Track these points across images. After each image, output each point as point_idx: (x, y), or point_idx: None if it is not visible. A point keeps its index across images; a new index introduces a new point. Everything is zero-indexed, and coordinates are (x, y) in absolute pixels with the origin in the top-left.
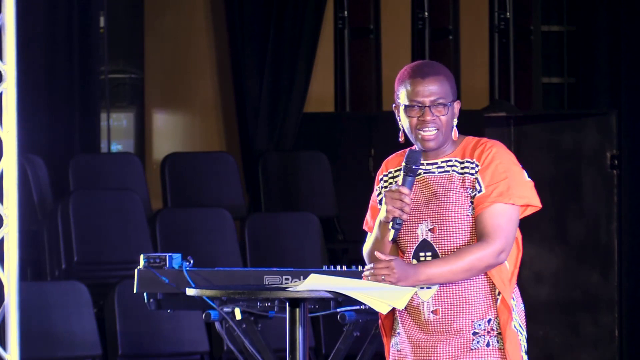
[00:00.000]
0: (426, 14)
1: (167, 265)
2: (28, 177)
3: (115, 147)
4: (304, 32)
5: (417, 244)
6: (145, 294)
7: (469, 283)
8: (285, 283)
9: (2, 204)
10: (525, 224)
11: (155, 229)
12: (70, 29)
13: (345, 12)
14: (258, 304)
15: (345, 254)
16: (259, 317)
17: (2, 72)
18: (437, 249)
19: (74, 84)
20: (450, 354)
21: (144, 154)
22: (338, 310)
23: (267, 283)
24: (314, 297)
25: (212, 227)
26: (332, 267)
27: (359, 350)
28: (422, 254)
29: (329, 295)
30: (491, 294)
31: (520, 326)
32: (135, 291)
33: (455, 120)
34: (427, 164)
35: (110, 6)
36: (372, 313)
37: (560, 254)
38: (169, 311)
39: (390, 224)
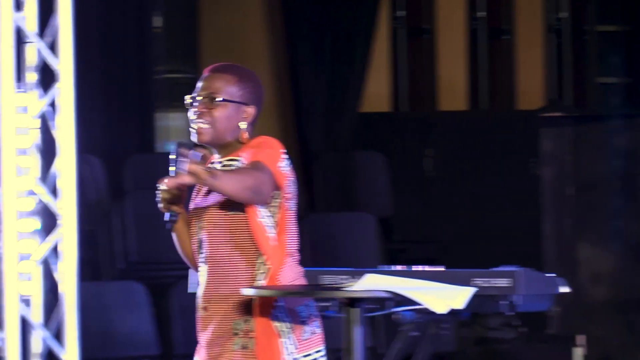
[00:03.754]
0: (482, 14)
1: None
2: (84, 176)
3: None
4: (359, 32)
5: (198, 244)
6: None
7: (230, 281)
8: (342, 283)
9: (59, 203)
10: (582, 224)
11: None
12: (126, 29)
13: (401, 12)
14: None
15: (401, 253)
16: None
17: (59, 72)
18: (206, 248)
19: (130, 83)
20: (215, 354)
21: None
22: (395, 310)
23: (323, 283)
24: (371, 297)
25: None
26: (388, 267)
27: (415, 350)
28: (200, 253)
29: (386, 295)
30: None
31: (289, 328)
32: (188, 291)
33: (244, 124)
34: (215, 162)
35: (166, 6)
36: (429, 313)
37: (617, 253)
38: None
39: (168, 216)
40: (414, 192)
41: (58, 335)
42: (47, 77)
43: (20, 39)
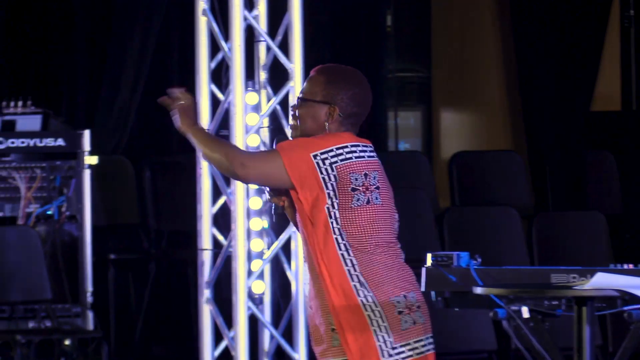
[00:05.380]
0: None
1: (455, 263)
2: None
3: (403, 146)
4: (590, 31)
5: None
6: (432, 292)
7: (317, 277)
8: (572, 281)
9: None
10: None
11: (443, 227)
12: (357, 28)
13: (632, 11)
14: (545, 302)
15: (632, 252)
16: (546, 316)
17: (290, 71)
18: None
19: None
20: (323, 349)
21: (432, 152)
22: (625, 308)
23: (554, 281)
24: (601, 296)
25: (499, 225)
26: (618, 266)
27: None
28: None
29: (616, 293)
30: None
31: (382, 319)
32: (422, 289)
33: (326, 124)
34: None
35: (397, 5)
36: None
37: None
38: (456, 309)
39: (273, 209)
40: None
41: (288, 334)
42: (277, 76)
43: (250, 37)
